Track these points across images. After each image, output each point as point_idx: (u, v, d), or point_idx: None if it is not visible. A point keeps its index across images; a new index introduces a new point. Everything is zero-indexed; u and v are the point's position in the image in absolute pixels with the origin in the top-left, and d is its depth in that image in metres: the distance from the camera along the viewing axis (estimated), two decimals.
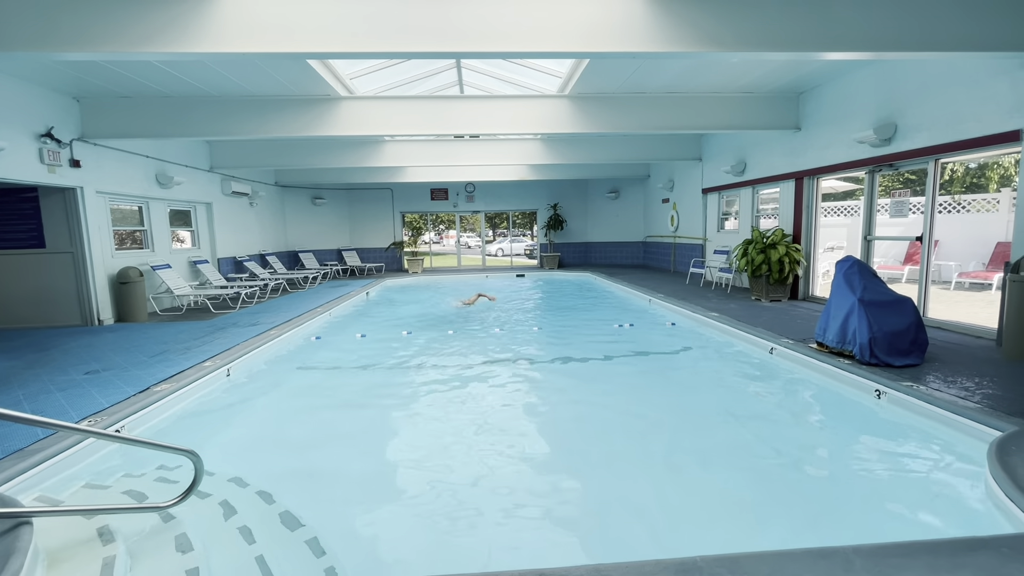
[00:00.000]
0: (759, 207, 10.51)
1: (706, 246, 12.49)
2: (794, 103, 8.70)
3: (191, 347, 6.13)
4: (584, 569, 1.93)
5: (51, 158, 7.04)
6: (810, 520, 2.84)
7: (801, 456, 3.62)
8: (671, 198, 14.54)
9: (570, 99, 8.45)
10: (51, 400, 4.24)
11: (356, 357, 6.46)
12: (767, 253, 8.46)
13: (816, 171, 8.38)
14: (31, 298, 7.84)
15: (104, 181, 8.10)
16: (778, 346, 5.62)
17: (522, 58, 6.01)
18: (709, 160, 12.10)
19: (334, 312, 9.21)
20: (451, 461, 3.61)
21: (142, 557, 2.52)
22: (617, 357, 6.22)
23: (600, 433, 4.09)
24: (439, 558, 2.59)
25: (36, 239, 7.72)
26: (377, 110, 8.36)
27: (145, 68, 6.59)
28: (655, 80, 7.87)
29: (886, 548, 2.00)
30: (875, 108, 7.03)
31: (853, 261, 5.21)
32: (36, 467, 3.06)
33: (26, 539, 2.26)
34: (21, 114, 6.69)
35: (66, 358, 5.72)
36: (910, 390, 3.96)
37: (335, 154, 12.08)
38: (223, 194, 11.79)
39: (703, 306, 8.13)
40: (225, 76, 7.05)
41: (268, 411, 4.71)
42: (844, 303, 4.95)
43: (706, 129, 8.82)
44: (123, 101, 7.73)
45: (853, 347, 4.76)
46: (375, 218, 17.03)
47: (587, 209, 17.60)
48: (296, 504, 3.00)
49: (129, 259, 8.76)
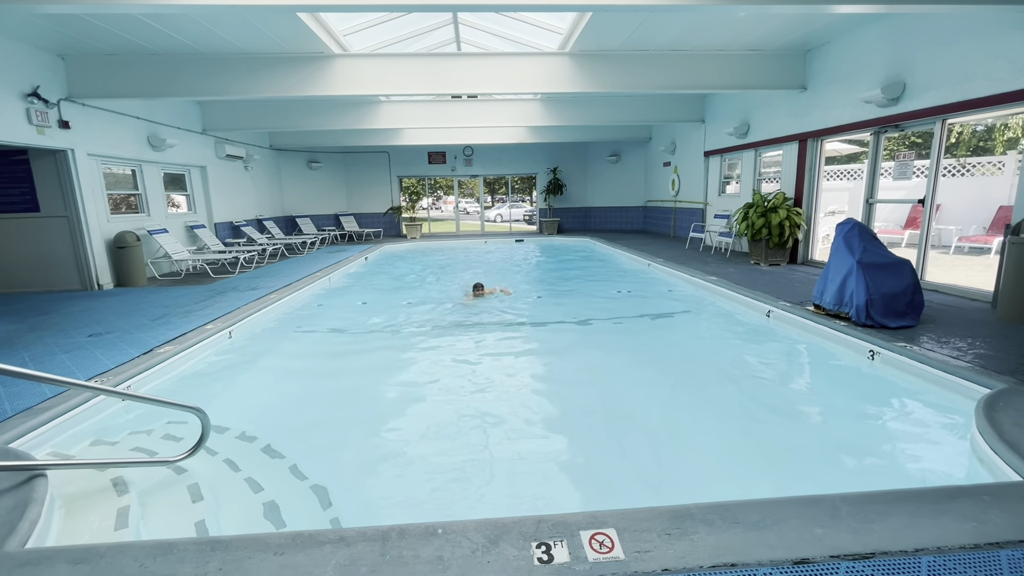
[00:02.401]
0: (761, 170, 10.37)
1: (707, 210, 12.40)
2: (801, 61, 8.46)
3: (192, 311, 6.16)
4: (580, 516, 2.01)
5: (39, 118, 6.87)
6: (800, 472, 2.95)
7: (793, 413, 3.72)
8: (672, 161, 14.33)
9: (571, 57, 8.20)
10: (57, 361, 4.30)
11: (357, 322, 6.51)
12: (768, 217, 8.41)
13: (821, 132, 8.23)
14: (29, 262, 7.82)
15: (95, 143, 7.94)
16: (775, 309, 5.67)
17: (522, 11, 5.80)
18: (712, 122, 11.86)
19: (333, 277, 9.22)
20: (451, 418, 3.70)
21: (154, 507, 2.61)
22: (615, 320, 6.28)
23: (597, 392, 4.18)
24: (439, 506, 2.69)
25: (30, 203, 7.63)
26: (372, 68, 8.12)
27: (130, 23, 6.35)
28: (658, 37, 7.62)
29: (871, 496, 2.08)
30: (884, 66, 6.84)
31: (853, 223, 5.18)
32: (46, 424, 3.13)
33: (42, 490, 2.34)
34: (5, 72, 6.49)
35: (68, 321, 5.75)
36: (903, 350, 4.02)
37: (330, 115, 11.80)
38: (217, 157, 11.59)
39: (702, 270, 8.14)
40: (213, 32, 6.80)
41: (270, 372, 4.78)
42: (843, 265, 4.96)
43: (710, 89, 8.61)
44: (110, 59, 7.49)
45: (850, 309, 4.80)
46: (372, 183, 16.80)
47: (587, 173, 17.36)
48: (302, 458, 3.10)
49: (125, 224, 8.69)
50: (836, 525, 1.91)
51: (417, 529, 1.96)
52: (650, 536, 1.88)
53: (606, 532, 1.91)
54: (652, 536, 1.88)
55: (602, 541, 1.86)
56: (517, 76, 8.29)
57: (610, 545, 1.84)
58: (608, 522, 1.96)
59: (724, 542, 1.84)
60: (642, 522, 1.96)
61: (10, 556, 1.89)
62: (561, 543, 1.86)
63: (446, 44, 10.12)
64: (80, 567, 1.83)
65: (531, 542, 1.88)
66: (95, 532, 2.31)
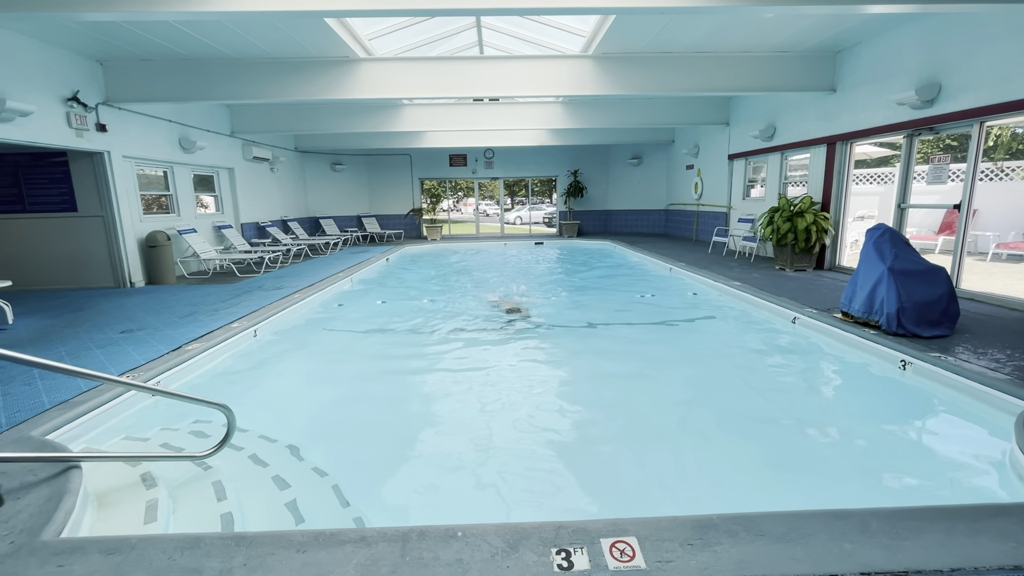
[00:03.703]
0: (787, 174, 10.16)
1: (730, 214, 12.19)
2: (830, 63, 8.26)
3: (219, 309, 6.31)
4: (601, 523, 1.99)
5: (78, 122, 7.14)
6: (827, 485, 2.86)
7: (821, 424, 3.61)
8: (696, 164, 14.14)
9: (593, 59, 8.17)
10: (91, 356, 4.45)
11: (379, 322, 6.58)
12: (794, 221, 8.23)
13: (850, 135, 8.02)
14: (66, 260, 8.12)
15: (130, 145, 8.21)
16: (801, 315, 5.54)
17: (545, 14, 5.80)
18: (737, 124, 11.67)
19: (355, 278, 9.35)
20: (472, 422, 3.70)
21: (182, 501, 2.68)
22: (637, 325, 6.21)
23: (619, 399, 4.13)
24: (458, 508, 2.70)
25: (68, 203, 7.93)
26: (396, 72, 8.22)
27: (165, 29, 6.56)
28: (683, 39, 7.54)
29: (904, 512, 2.01)
30: (918, 67, 6.64)
31: (885, 229, 5.03)
32: (80, 417, 3.24)
33: (76, 481, 2.42)
34: (48, 78, 6.77)
35: (102, 318, 5.95)
36: (937, 361, 3.89)
37: (354, 119, 11.98)
38: (244, 159, 11.87)
39: (725, 275, 8.01)
40: (243, 37, 6.97)
41: (296, 370, 4.87)
42: (873, 272, 4.82)
43: (736, 91, 8.47)
44: (145, 64, 7.74)
45: (880, 317, 4.66)
46: (394, 185, 16.99)
47: (608, 176, 17.26)
48: (326, 457, 3.14)
49: (156, 223, 8.96)
50: (866, 541, 1.86)
51: (437, 531, 1.97)
52: (672, 546, 1.85)
53: (627, 540, 1.89)
54: (674, 546, 1.85)
55: (623, 549, 1.84)
56: (539, 79, 8.29)
57: (631, 554, 1.82)
58: (629, 530, 1.94)
59: (748, 554, 1.80)
60: (664, 531, 1.93)
61: (46, 545, 1.96)
62: (581, 550, 1.85)
63: (469, 48, 10.19)
64: (112, 557, 1.88)
65: (551, 548, 1.87)
66: (125, 524, 2.37)
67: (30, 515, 2.15)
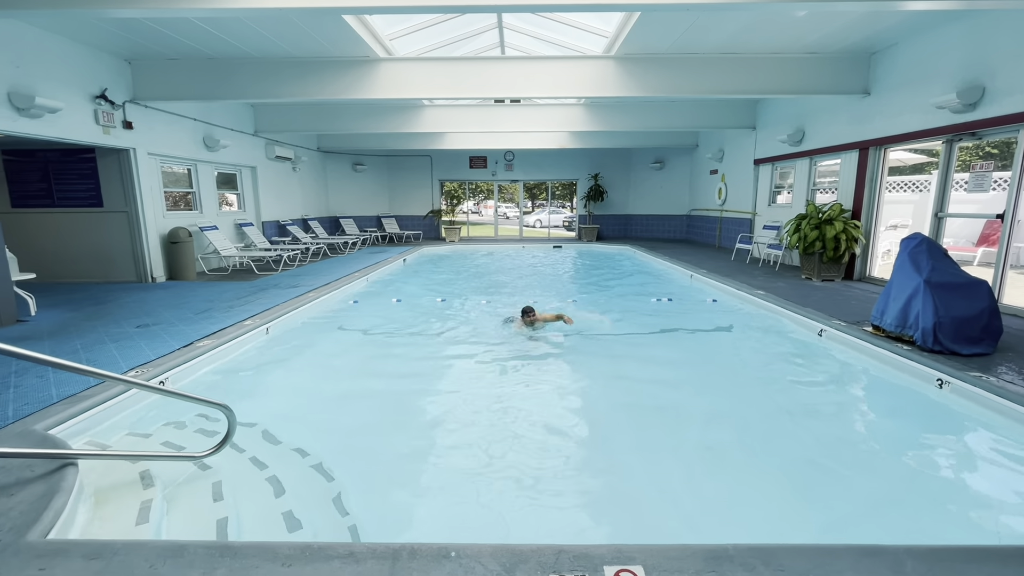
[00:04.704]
0: (816, 180, 9.81)
1: (755, 221, 11.85)
2: (864, 65, 7.93)
3: (234, 306, 6.34)
4: (605, 548, 1.84)
5: (105, 119, 7.29)
6: (856, 516, 2.63)
7: (849, 447, 3.38)
8: (720, 169, 13.81)
9: (616, 60, 8.00)
10: (105, 350, 4.48)
11: (391, 322, 6.52)
12: (822, 229, 7.91)
13: (884, 140, 7.68)
14: (91, 254, 8.29)
15: (155, 143, 8.36)
16: (828, 328, 5.27)
17: (566, 11, 5.66)
18: (764, 128, 11.34)
19: (371, 277, 9.34)
20: (479, 432, 3.57)
21: (178, 502, 2.62)
22: (653, 334, 6.02)
23: (631, 412, 3.96)
24: (455, 522, 2.58)
25: (95, 198, 8.11)
26: (416, 72, 8.19)
27: (190, 28, 6.64)
28: (709, 39, 7.32)
29: (945, 551, 1.82)
30: (959, 69, 6.30)
31: (921, 239, 4.75)
32: (86, 412, 3.23)
33: (71, 480, 2.37)
34: (77, 76, 6.92)
35: (121, 312, 6.03)
36: (978, 381, 3.62)
37: (375, 119, 12.04)
38: (267, 158, 12.02)
39: (748, 283, 7.74)
40: (265, 36, 7.02)
41: (303, 370, 4.83)
42: (907, 284, 4.55)
43: (763, 93, 8.20)
44: (171, 63, 7.87)
45: (914, 332, 4.39)
46: (414, 186, 17.04)
47: (629, 180, 17.01)
48: (326, 461, 3.06)
49: (179, 220, 9.10)
50: None
51: (429, 550, 1.85)
52: None
53: (632, 569, 1.74)
54: None
55: None
56: (561, 80, 8.16)
57: None
58: (636, 558, 1.79)
59: None
60: (673, 561, 1.78)
61: (31, 546, 1.90)
62: None
63: (490, 48, 10.13)
64: (94, 563, 1.82)
65: (550, 574, 1.74)
66: (116, 525, 2.32)
67: (20, 513, 2.11)
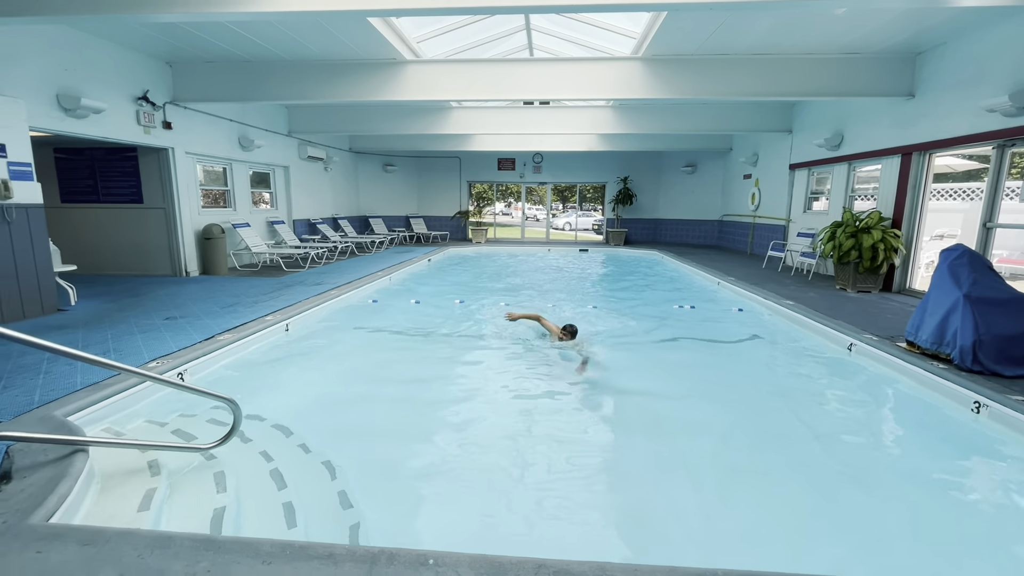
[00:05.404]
0: (855, 186, 9.37)
1: (789, 228, 11.42)
2: (909, 65, 7.53)
3: (259, 301, 6.51)
4: (587, 565, 1.77)
5: (146, 120, 7.63)
6: (877, 550, 2.41)
7: (871, 470, 3.17)
8: (753, 174, 13.39)
9: (643, 61, 7.85)
10: (132, 341, 4.66)
11: (408, 323, 6.57)
12: (858, 238, 7.54)
13: (930, 145, 7.26)
14: (131, 248, 8.70)
15: (192, 143, 8.70)
16: (859, 342, 5.00)
17: (593, 11, 5.58)
18: (800, 132, 10.93)
19: (394, 277, 9.45)
20: (488, 439, 3.53)
21: (181, 491, 2.68)
22: (673, 342, 5.86)
23: (641, 421, 3.86)
24: (453, 533, 2.54)
25: (136, 195, 8.50)
26: (444, 74, 8.24)
27: (225, 33, 6.88)
28: (740, 40, 7.10)
29: None
30: (1014, 69, 5.90)
31: (963, 250, 4.46)
32: (105, 401, 3.36)
33: (79, 466, 2.46)
34: (121, 78, 7.27)
35: (152, 304, 6.28)
36: (1019, 405, 3.35)
37: (404, 121, 12.20)
38: (300, 158, 12.35)
39: (777, 292, 7.45)
40: (296, 40, 7.21)
41: (318, 367, 4.90)
42: (946, 298, 4.27)
43: (799, 96, 7.89)
44: (209, 66, 8.18)
45: (952, 350, 4.12)
46: (443, 187, 17.20)
47: (660, 183, 16.69)
48: (333, 457, 3.08)
49: (213, 217, 9.44)
50: None
51: (408, 556, 1.83)
52: None
53: None
54: None
55: None
56: (589, 81, 8.06)
57: None
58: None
59: None
60: None
61: (31, 529, 1.98)
62: None
63: (518, 51, 10.12)
64: (87, 549, 1.87)
65: None
66: (118, 511, 2.39)
67: (28, 496, 2.20)
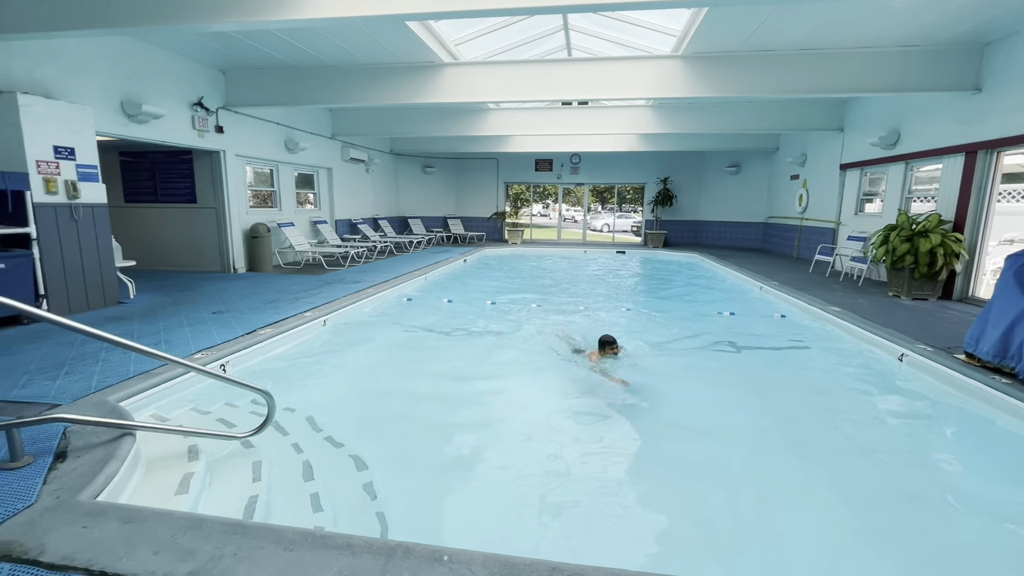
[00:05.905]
0: (912, 187, 8.82)
1: (838, 231, 10.87)
2: (975, 57, 7.02)
3: (300, 297, 6.76)
4: (602, 571, 1.75)
5: (200, 124, 8.07)
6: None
7: (921, 495, 2.95)
8: (801, 174, 12.83)
9: (684, 59, 7.66)
10: (181, 333, 4.93)
11: (441, 321, 6.66)
12: (914, 242, 7.08)
13: (999, 143, 6.74)
14: (185, 246, 9.22)
15: (242, 145, 9.14)
16: (911, 353, 4.70)
17: (630, 9, 5.48)
18: (852, 130, 10.38)
19: (429, 276, 9.61)
20: (512, 440, 3.53)
21: (219, 476, 2.82)
22: (710, 349, 5.67)
23: (672, 428, 3.75)
24: (464, 529, 2.56)
25: (190, 195, 9.00)
26: (481, 76, 8.31)
27: (272, 40, 7.19)
28: (785, 35, 6.82)
29: None
30: None
31: None
32: (153, 388, 3.57)
33: (126, 448, 2.63)
34: (178, 86, 7.72)
35: (202, 299, 6.63)
36: None
37: (443, 122, 12.39)
38: (342, 160, 12.75)
39: (824, 299, 7.10)
40: (338, 45, 7.45)
41: (351, 363, 5.04)
42: (1011, 307, 3.96)
43: (851, 92, 7.51)
44: (258, 72, 8.57)
45: (1016, 363, 3.81)
46: (480, 188, 17.35)
47: (701, 184, 16.25)
48: (360, 451, 3.16)
49: (260, 216, 9.88)
50: None
51: (423, 551, 1.85)
52: None
53: None
54: None
55: None
56: (628, 81, 7.94)
57: None
58: None
59: None
60: None
61: (80, 505, 2.12)
62: None
63: (556, 51, 10.09)
64: (127, 527, 1.99)
65: None
66: (158, 493, 2.53)
67: (80, 475, 2.36)
